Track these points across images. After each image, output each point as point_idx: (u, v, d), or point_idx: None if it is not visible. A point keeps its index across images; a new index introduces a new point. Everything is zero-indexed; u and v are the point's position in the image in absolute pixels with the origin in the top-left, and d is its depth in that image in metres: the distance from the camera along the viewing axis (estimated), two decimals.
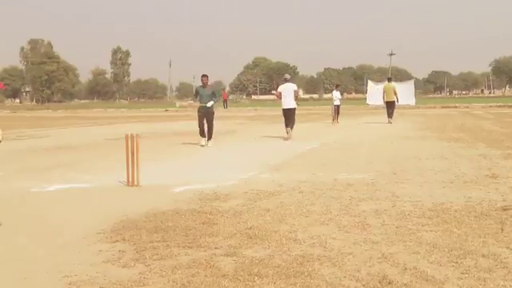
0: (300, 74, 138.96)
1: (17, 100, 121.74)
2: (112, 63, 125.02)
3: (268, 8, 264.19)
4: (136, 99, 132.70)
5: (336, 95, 22.59)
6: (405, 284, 3.25)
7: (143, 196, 6.35)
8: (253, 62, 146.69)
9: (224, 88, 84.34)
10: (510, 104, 40.35)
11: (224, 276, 3.43)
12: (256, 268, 3.56)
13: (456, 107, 40.21)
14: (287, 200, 5.86)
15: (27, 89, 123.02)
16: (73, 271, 3.59)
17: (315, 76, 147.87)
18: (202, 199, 5.99)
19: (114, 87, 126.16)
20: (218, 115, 32.48)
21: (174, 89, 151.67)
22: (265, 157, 10.18)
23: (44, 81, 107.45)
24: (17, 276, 3.57)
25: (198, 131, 12.52)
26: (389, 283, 3.26)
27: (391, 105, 21.30)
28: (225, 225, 4.78)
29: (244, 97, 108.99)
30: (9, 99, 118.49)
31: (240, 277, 3.40)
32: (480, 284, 3.25)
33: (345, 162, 9.07)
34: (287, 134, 14.12)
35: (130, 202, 5.93)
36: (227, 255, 3.88)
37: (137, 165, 7.03)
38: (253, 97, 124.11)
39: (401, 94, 24.12)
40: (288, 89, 14.36)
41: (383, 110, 22.42)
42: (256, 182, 7.10)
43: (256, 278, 3.37)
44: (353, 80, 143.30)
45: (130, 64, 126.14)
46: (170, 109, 48.37)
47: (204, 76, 12.67)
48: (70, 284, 3.38)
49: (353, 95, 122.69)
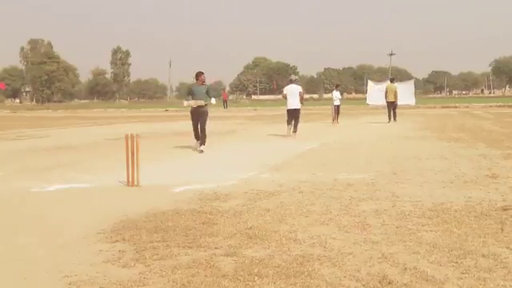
0: (300, 74, 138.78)
1: (17, 100, 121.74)
2: (112, 63, 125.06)
3: (268, 8, 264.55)
4: (136, 99, 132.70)
5: (336, 95, 22.64)
6: (405, 284, 3.25)
7: (143, 196, 6.35)
8: (253, 62, 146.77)
9: (224, 88, 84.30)
10: (510, 104, 40.36)
11: (224, 276, 3.43)
12: (256, 268, 3.56)
13: (456, 107, 40.23)
14: (287, 200, 5.86)
15: (27, 89, 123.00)
16: (73, 271, 3.60)
17: (315, 76, 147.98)
18: (202, 199, 5.99)
19: (114, 87, 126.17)
20: (218, 115, 32.67)
21: (174, 89, 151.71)
22: (265, 157, 10.19)
23: (44, 81, 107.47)
24: (17, 276, 3.57)
25: (193, 134, 11.45)
26: (389, 283, 3.26)
27: (392, 105, 21.65)
28: (225, 225, 4.78)
29: (244, 97, 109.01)
30: (9, 99, 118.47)
31: (240, 277, 3.40)
32: (480, 284, 3.25)
33: (345, 162, 9.07)
34: (288, 131, 14.41)
35: (130, 202, 5.94)
36: (227, 255, 3.88)
37: (137, 165, 7.03)
38: (253, 97, 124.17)
39: (401, 94, 24.75)
40: (293, 90, 14.70)
41: (383, 110, 22.45)
42: (256, 182, 7.10)
43: (256, 278, 3.37)
44: (353, 80, 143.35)
45: (130, 64, 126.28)
46: (171, 109, 48.35)
47: (200, 73, 11.49)
48: (70, 284, 3.38)
49: (353, 95, 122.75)
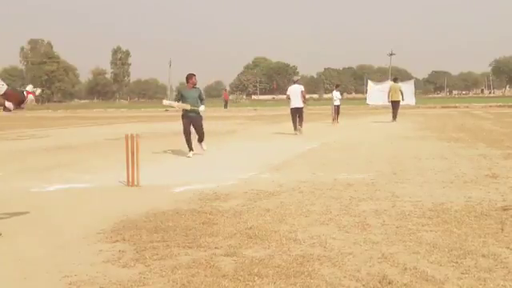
0: (300, 74, 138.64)
1: None
2: (112, 63, 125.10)
3: (268, 8, 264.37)
4: (136, 99, 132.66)
5: (336, 95, 22.67)
6: (405, 284, 3.25)
7: (143, 196, 6.36)
8: (253, 62, 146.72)
9: (226, 88, 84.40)
10: (510, 104, 40.35)
11: (224, 276, 3.43)
12: (256, 268, 3.56)
13: (456, 107, 40.19)
14: (287, 200, 5.86)
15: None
16: (73, 271, 3.60)
17: (315, 76, 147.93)
18: (202, 199, 5.99)
19: (114, 87, 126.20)
20: (218, 115, 32.63)
21: (174, 89, 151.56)
22: (265, 157, 10.19)
23: (44, 81, 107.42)
24: (17, 276, 3.57)
25: (185, 141, 10.54)
26: (389, 283, 3.26)
27: (396, 104, 22.17)
28: (225, 225, 4.78)
29: (244, 97, 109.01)
30: None
31: (240, 277, 3.40)
32: (480, 284, 3.25)
33: (345, 162, 9.07)
34: (295, 131, 15.47)
35: (130, 202, 5.94)
36: (227, 255, 3.88)
37: (137, 165, 7.04)
38: (253, 97, 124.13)
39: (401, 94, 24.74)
40: (296, 90, 15.71)
41: (383, 110, 22.52)
42: (256, 182, 7.10)
43: (256, 278, 3.37)
44: (353, 80, 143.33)
45: (130, 64, 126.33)
46: (171, 109, 48.29)
47: (191, 75, 10.62)
48: (70, 284, 3.38)
49: (353, 95, 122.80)
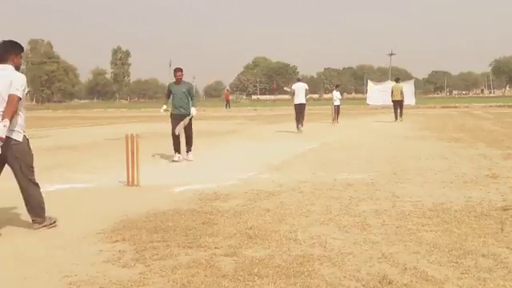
0: (300, 74, 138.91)
1: None
2: (112, 63, 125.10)
3: (268, 8, 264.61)
4: (136, 99, 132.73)
5: (336, 95, 22.73)
6: (405, 284, 3.25)
7: (143, 196, 6.35)
8: (253, 62, 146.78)
9: (227, 89, 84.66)
10: (510, 104, 40.35)
11: (224, 276, 3.43)
12: (256, 268, 3.55)
13: (456, 107, 40.22)
14: (287, 200, 5.86)
15: (27, 89, 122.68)
16: (73, 271, 3.59)
17: (315, 76, 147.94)
18: (202, 199, 5.99)
19: (114, 87, 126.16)
20: (219, 115, 32.61)
21: None
22: (265, 157, 10.19)
23: (44, 81, 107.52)
24: (17, 276, 3.57)
25: (173, 144, 9.86)
26: (389, 283, 3.26)
27: (399, 104, 22.46)
28: (225, 225, 4.78)
29: (244, 97, 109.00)
30: None
31: (240, 277, 3.40)
32: (480, 284, 3.25)
33: (345, 162, 9.07)
34: (297, 129, 16.38)
35: (130, 202, 5.93)
36: (227, 255, 3.88)
37: (137, 165, 7.04)
38: (253, 97, 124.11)
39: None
40: (300, 87, 16.98)
41: (383, 110, 22.54)
42: (256, 182, 7.10)
43: (256, 278, 3.37)
44: (353, 80, 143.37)
45: (130, 64, 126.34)
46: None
47: (178, 70, 10.04)
48: (70, 284, 3.38)
49: (353, 95, 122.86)
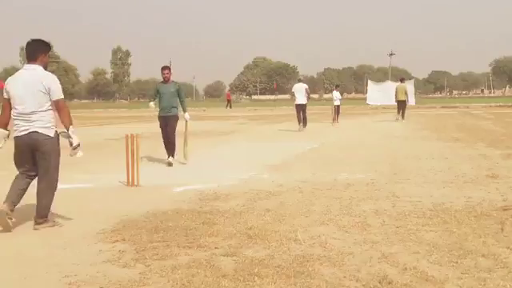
0: (300, 74, 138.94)
1: None
2: (112, 63, 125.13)
3: (268, 8, 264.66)
4: (136, 99, 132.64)
5: (336, 95, 22.81)
6: (405, 284, 3.25)
7: (143, 196, 6.35)
8: (253, 62, 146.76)
9: (229, 89, 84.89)
10: (510, 104, 40.35)
11: (224, 276, 3.43)
12: (256, 268, 3.55)
13: (456, 107, 40.21)
14: (287, 200, 5.86)
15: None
16: (73, 271, 3.59)
17: (315, 76, 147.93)
18: (202, 199, 5.99)
19: (114, 87, 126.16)
20: (219, 115, 32.58)
21: None
22: (265, 157, 10.18)
23: None
24: (17, 276, 3.57)
25: (164, 145, 9.37)
26: (389, 283, 3.26)
27: (403, 104, 22.68)
28: (225, 225, 4.78)
29: (244, 97, 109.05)
30: None
31: (240, 277, 3.40)
32: (480, 284, 3.25)
33: (345, 162, 9.07)
34: (299, 127, 16.99)
35: (130, 202, 5.93)
36: (227, 255, 3.88)
37: (137, 165, 7.04)
38: (253, 97, 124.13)
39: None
40: (300, 88, 17.49)
41: (383, 110, 22.57)
42: (256, 182, 7.10)
43: (256, 278, 3.37)
44: (353, 80, 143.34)
45: (130, 64, 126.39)
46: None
47: (165, 68, 9.40)
48: (70, 284, 3.38)
49: (353, 95, 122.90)
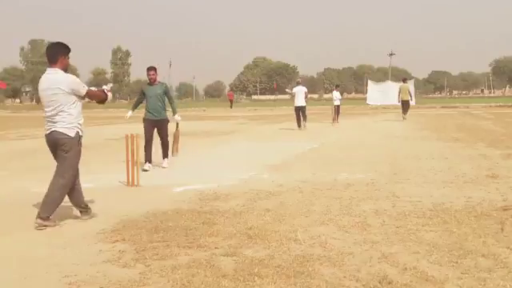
0: (300, 74, 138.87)
1: (17, 100, 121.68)
2: (112, 63, 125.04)
3: (268, 8, 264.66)
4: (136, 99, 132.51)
5: (336, 95, 22.85)
6: (405, 284, 3.25)
7: (143, 196, 6.36)
8: (253, 62, 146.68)
9: (231, 89, 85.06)
10: (510, 104, 40.35)
11: (224, 276, 3.43)
12: (256, 268, 3.55)
13: (456, 107, 40.19)
14: (287, 200, 5.86)
15: (27, 89, 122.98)
16: (73, 271, 3.60)
17: (315, 76, 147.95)
18: (202, 199, 5.99)
19: (114, 87, 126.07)
20: (219, 115, 32.53)
21: (174, 89, 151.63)
22: (265, 157, 10.19)
23: None
24: (17, 276, 3.57)
25: (144, 152, 8.52)
26: (389, 283, 3.26)
27: (406, 103, 23.16)
28: (225, 225, 4.78)
29: (244, 97, 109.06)
30: (9, 99, 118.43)
31: (240, 277, 3.40)
32: (480, 284, 3.25)
33: (345, 162, 9.07)
34: (299, 127, 17.68)
35: (130, 202, 5.94)
36: (227, 255, 3.88)
37: (137, 165, 7.04)
38: (253, 97, 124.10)
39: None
40: (300, 90, 18.17)
41: (383, 110, 22.62)
42: (256, 182, 7.10)
43: (256, 278, 3.37)
44: (353, 80, 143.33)
45: (130, 64, 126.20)
46: (170, 109, 48.35)
47: (150, 69, 8.78)
48: (70, 284, 3.38)
49: (353, 95, 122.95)
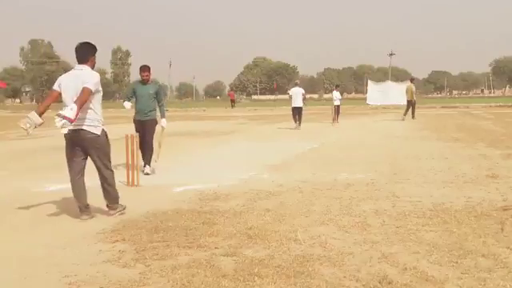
0: (300, 74, 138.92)
1: (17, 100, 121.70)
2: (112, 63, 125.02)
3: (268, 8, 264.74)
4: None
5: (336, 95, 22.86)
6: (405, 284, 3.25)
7: (143, 196, 6.36)
8: (253, 62, 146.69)
9: (231, 89, 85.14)
10: (510, 104, 40.34)
11: (224, 276, 3.43)
12: (256, 268, 3.55)
13: (456, 107, 40.18)
14: (287, 200, 5.86)
15: (27, 89, 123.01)
16: (73, 271, 3.60)
17: (315, 76, 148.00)
18: (202, 199, 5.99)
19: (114, 87, 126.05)
20: (219, 115, 32.53)
21: (174, 89, 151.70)
22: (265, 157, 10.18)
23: (44, 81, 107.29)
24: (17, 276, 3.57)
25: (140, 151, 7.95)
26: (389, 283, 3.26)
27: (411, 103, 23.34)
28: (225, 225, 4.78)
29: (244, 97, 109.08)
30: (9, 99, 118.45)
31: (240, 277, 3.40)
32: (480, 284, 3.25)
33: (345, 162, 9.07)
34: (295, 126, 18.15)
35: (130, 202, 5.93)
36: (227, 255, 3.88)
37: (137, 165, 7.04)
38: (253, 97, 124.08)
39: (401, 94, 25.57)
40: (297, 92, 18.73)
41: (383, 110, 22.63)
42: (256, 182, 7.10)
43: (256, 278, 3.37)
44: (353, 80, 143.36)
45: (130, 64, 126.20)
46: (170, 109, 48.20)
47: (145, 69, 8.28)
48: (70, 284, 3.38)
49: (353, 95, 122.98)
